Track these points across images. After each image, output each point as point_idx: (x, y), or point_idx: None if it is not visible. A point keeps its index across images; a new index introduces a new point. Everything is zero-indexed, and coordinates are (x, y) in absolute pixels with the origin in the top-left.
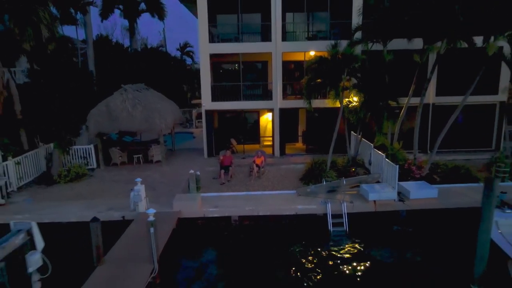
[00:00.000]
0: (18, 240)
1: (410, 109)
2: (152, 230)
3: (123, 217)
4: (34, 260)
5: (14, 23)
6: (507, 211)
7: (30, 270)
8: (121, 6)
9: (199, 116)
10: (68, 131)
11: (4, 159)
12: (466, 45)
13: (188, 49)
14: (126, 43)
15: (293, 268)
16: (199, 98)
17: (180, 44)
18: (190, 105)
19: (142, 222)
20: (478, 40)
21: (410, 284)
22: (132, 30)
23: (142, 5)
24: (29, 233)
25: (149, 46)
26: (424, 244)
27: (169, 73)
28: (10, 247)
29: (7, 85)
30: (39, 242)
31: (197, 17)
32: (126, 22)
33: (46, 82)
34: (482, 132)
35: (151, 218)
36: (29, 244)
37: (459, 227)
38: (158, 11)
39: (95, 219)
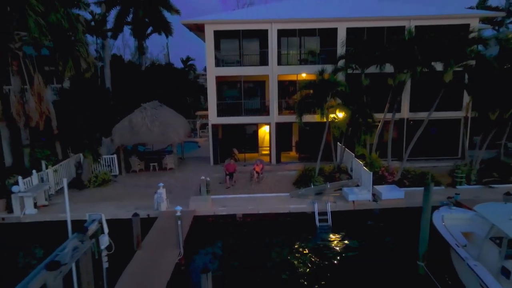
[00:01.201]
0: (94, 226)
1: (389, 123)
2: (179, 222)
3: (148, 215)
4: (104, 240)
5: (59, 57)
6: (453, 208)
7: (102, 247)
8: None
9: (202, 126)
10: (97, 143)
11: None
12: (428, 70)
13: (190, 62)
14: (127, 52)
15: (287, 254)
16: (202, 109)
17: (182, 58)
18: (194, 116)
19: (165, 218)
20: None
21: (377, 261)
22: (141, 50)
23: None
24: (100, 222)
25: (149, 56)
26: (392, 235)
27: (175, 87)
28: (91, 231)
29: None
30: (106, 228)
31: (204, 41)
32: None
33: (76, 101)
34: (450, 143)
35: (178, 213)
36: (100, 229)
37: (419, 221)
38: (165, 29)
39: (136, 215)
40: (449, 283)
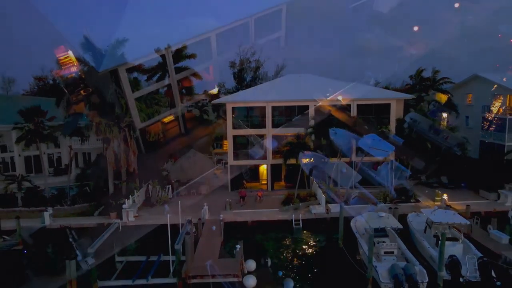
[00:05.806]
0: (187, 221)
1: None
2: (222, 223)
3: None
4: (192, 228)
5: (148, 130)
6: (362, 215)
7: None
8: None
9: (218, 161)
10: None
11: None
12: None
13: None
14: None
15: (275, 242)
16: (216, 147)
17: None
18: (211, 153)
19: (209, 223)
20: None
21: (323, 243)
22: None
23: None
24: (190, 221)
25: None
26: (336, 231)
27: (198, 129)
28: (190, 225)
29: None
30: (192, 223)
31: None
32: None
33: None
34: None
35: (221, 218)
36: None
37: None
38: (190, 92)
39: (199, 219)
40: (354, 251)
